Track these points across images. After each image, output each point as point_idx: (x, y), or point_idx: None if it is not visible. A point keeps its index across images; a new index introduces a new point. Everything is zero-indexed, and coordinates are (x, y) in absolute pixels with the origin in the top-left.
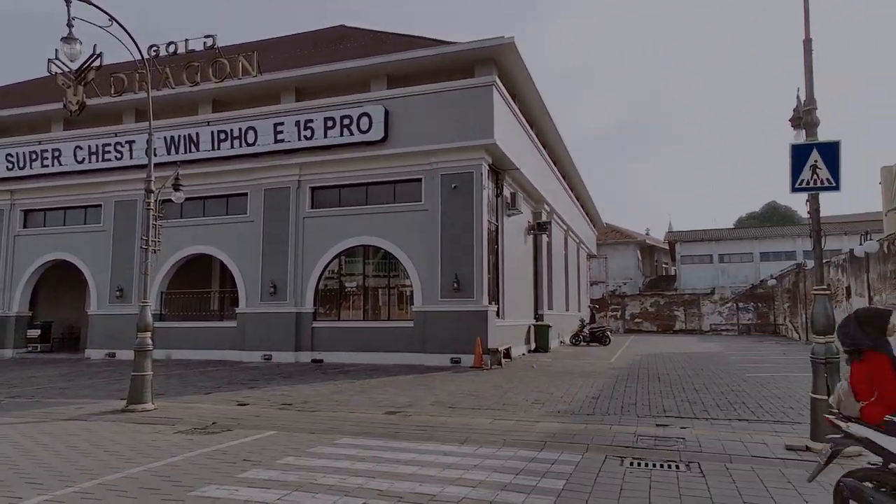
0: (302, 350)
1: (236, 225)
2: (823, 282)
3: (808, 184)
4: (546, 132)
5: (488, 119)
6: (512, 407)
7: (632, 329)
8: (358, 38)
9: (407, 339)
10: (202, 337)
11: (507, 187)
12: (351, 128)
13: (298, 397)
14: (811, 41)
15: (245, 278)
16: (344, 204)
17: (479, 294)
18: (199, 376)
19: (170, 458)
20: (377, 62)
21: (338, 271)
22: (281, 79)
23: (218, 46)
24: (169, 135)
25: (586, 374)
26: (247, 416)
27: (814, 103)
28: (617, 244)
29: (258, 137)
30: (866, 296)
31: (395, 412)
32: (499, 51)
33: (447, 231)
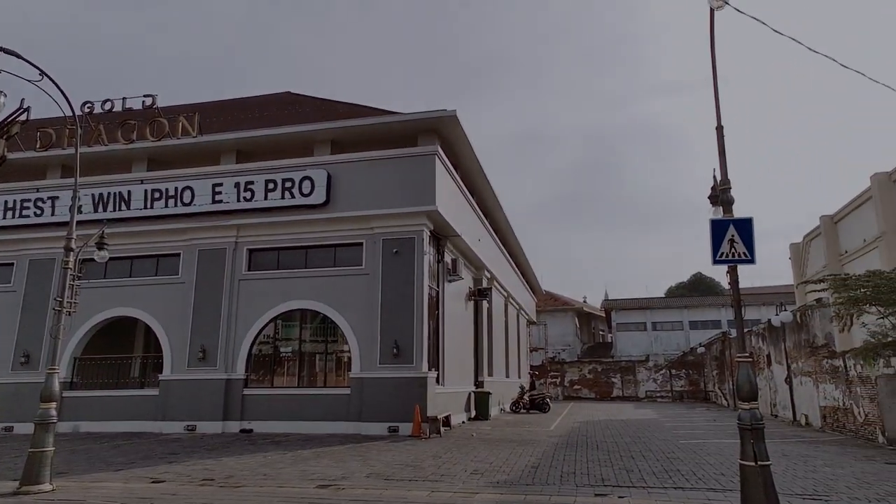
0: (230, 419)
1: (166, 286)
2: (746, 349)
3: (727, 256)
4: (487, 200)
5: (430, 186)
6: (450, 478)
7: (571, 395)
8: (303, 105)
9: (343, 406)
10: (118, 407)
11: (448, 253)
12: (293, 191)
13: (222, 472)
14: (723, 128)
15: (172, 342)
16: (282, 267)
17: (418, 360)
18: (110, 451)
19: None
20: (322, 128)
21: (273, 336)
22: (222, 140)
23: (157, 106)
24: (97, 192)
25: (526, 443)
26: (161, 495)
27: (728, 183)
28: (556, 311)
29: (195, 197)
30: (784, 363)
31: (328, 485)
32: (441, 122)
33: (387, 296)
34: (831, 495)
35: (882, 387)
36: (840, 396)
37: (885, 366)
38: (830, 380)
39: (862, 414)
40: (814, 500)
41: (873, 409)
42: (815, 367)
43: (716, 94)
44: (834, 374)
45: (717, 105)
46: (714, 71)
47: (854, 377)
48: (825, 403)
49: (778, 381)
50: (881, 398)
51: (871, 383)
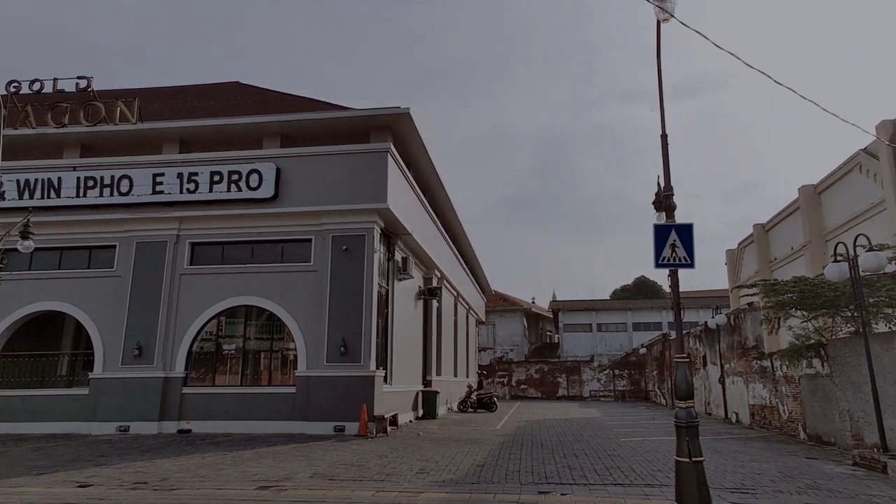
0: (168, 419)
1: (99, 280)
2: (684, 350)
3: (669, 260)
4: (439, 199)
5: (382, 184)
6: (396, 477)
7: (518, 395)
8: (253, 95)
9: (288, 406)
10: (44, 406)
11: (398, 252)
12: (239, 184)
13: (156, 474)
14: (667, 137)
15: (104, 339)
16: (227, 262)
17: (366, 359)
18: (32, 454)
19: None
20: (271, 120)
21: (216, 333)
22: (165, 128)
23: (93, 89)
24: (23, 177)
25: (472, 442)
26: (88, 499)
27: (671, 190)
28: (505, 311)
29: (133, 187)
30: (718, 364)
31: (269, 487)
32: (395, 119)
33: (336, 293)
34: (757, 489)
35: (804, 386)
36: (767, 395)
37: (807, 366)
38: (759, 379)
39: (786, 412)
40: (742, 493)
41: (796, 407)
42: (746, 368)
43: (661, 104)
44: (762, 374)
45: (661, 114)
46: (660, 80)
47: (780, 377)
48: (754, 402)
49: (712, 381)
50: (803, 397)
51: (794, 383)
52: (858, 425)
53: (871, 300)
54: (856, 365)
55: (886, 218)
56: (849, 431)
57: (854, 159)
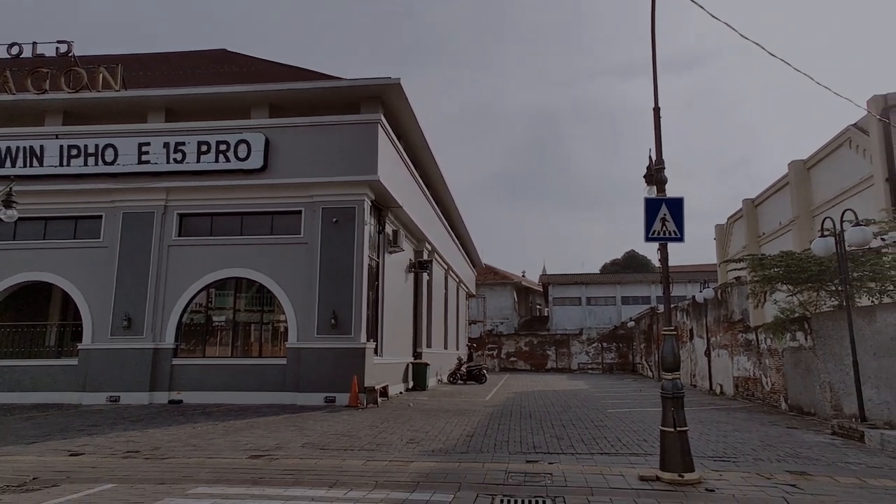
0: (158, 390)
1: (85, 250)
2: (671, 323)
3: (659, 234)
4: (430, 173)
5: (372, 155)
6: (386, 447)
7: (507, 367)
8: (240, 64)
9: (279, 377)
10: (33, 377)
11: (389, 224)
12: (228, 154)
13: (148, 443)
14: (660, 109)
15: (92, 310)
16: (216, 233)
17: (357, 331)
18: (21, 423)
19: None
20: (260, 89)
21: (206, 304)
22: (150, 96)
23: (74, 54)
24: (4, 144)
25: (462, 413)
26: (80, 468)
27: (662, 164)
28: (495, 285)
29: (118, 157)
30: (704, 337)
31: (261, 456)
32: (385, 90)
33: (326, 265)
34: (739, 457)
35: (787, 358)
36: (751, 367)
37: (791, 339)
38: (744, 352)
39: (769, 383)
40: (724, 461)
41: (779, 378)
42: (731, 341)
43: (654, 76)
44: (747, 347)
45: (654, 86)
46: (654, 52)
47: (764, 350)
48: (738, 374)
49: (698, 354)
50: (786, 369)
51: (778, 355)
52: (838, 396)
53: (855, 275)
54: (838, 338)
55: (874, 193)
56: (829, 402)
57: (844, 134)
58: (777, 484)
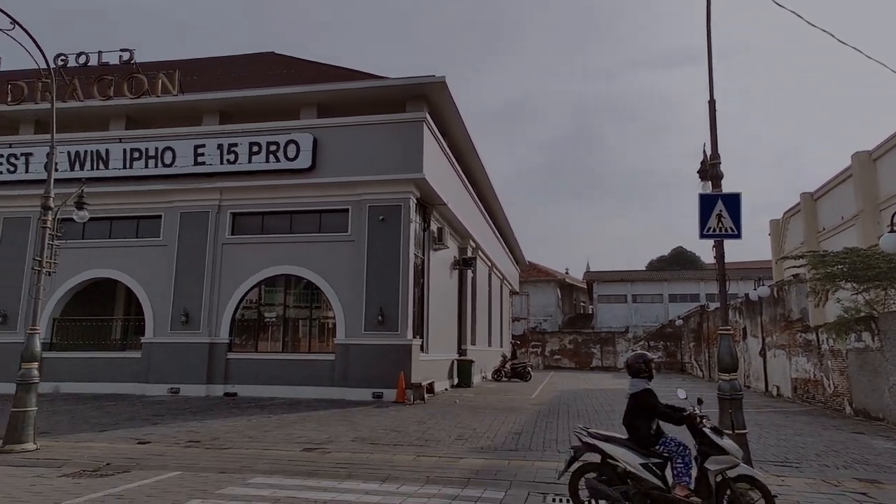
0: (214, 383)
1: (147, 248)
2: (727, 322)
3: (714, 231)
4: (473, 170)
5: (418, 154)
6: (435, 443)
7: (551, 365)
8: (289, 66)
9: (328, 372)
10: (100, 368)
11: (434, 222)
12: (277, 154)
13: (208, 434)
14: (715, 102)
15: (154, 305)
16: (267, 231)
17: (403, 328)
18: (93, 412)
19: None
20: (308, 90)
21: (257, 301)
22: (204, 100)
23: (135, 62)
24: (74, 149)
25: (508, 410)
26: (147, 455)
27: (718, 158)
28: (538, 282)
29: (176, 158)
30: (759, 336)
31: (314, 449)
32: (430, 88)
33: (373, 263)
34: (802, 462)
35: (852, 360)
36: (811, 369)
37: (856, 340)
38: (803, 353)
39: (832, 386)
40: (785, 466)
41: (843, 381)
42: (789, 341)
43: (710, 68)
44: (807, 347)
45: (710, 79)
46: (709, 44)
47: (826, 351)
48: (797, 375)
49: (752, 354)
50: (851, 371)
51: (841, 357)
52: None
53: None
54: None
55: None
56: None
57: None
58: (846, 492)
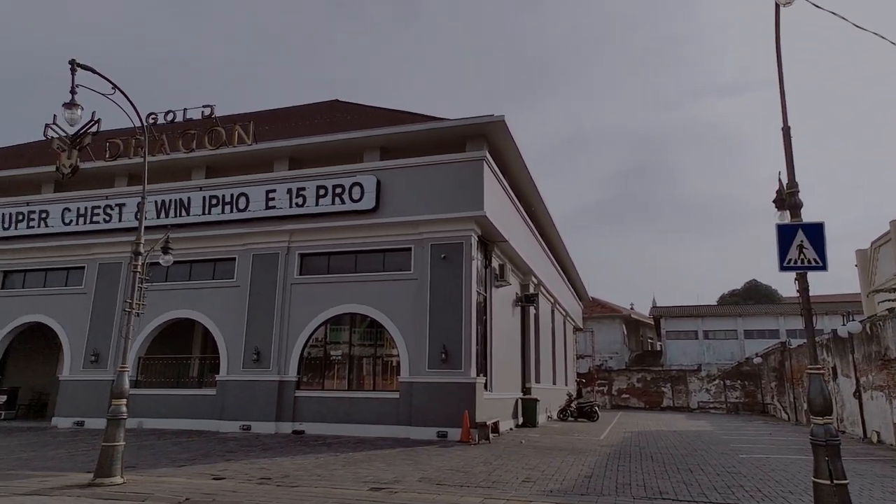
0: (283, 420)
1: (222, 290)
2: (817, 361)
3: (796, 263)
4: (534, 205)
5: (478, 192)
6: (502, 485)
7: (619, 405)
8: (351, 112)
9: (392, 410)
10: (179, 405)
11: (495, 259)
12: (343, 196)
13: (278, 471)
14: (790, 129)
15: (228, 344)
16: (332, 271)
17: (467, 365)
18: (172, 447)
19: None
20: (371, 134)
21: (323, 339)
22: (275, 147)
23: (215, 116)
24: (160, 199)
25: (577, 451)
26: (223, 491)
27: (796, 186)
28: (602, 318)
29: (250, 204)
30: (853, 376)
31: (381, 488)
32: (489, 127)
33: (436, 301)
34: None
35: None
36: None
37: None
38: None
39: None
40: None
41: None
42: (888, 381)
43: (782, 94)
44: None
45: (783, 105)
46: (780, 69)
47: None
48: None
49: (845, 395)
50: None
51: None
52: None
53: None
54: None
55: None
56: None
57: None
58: None
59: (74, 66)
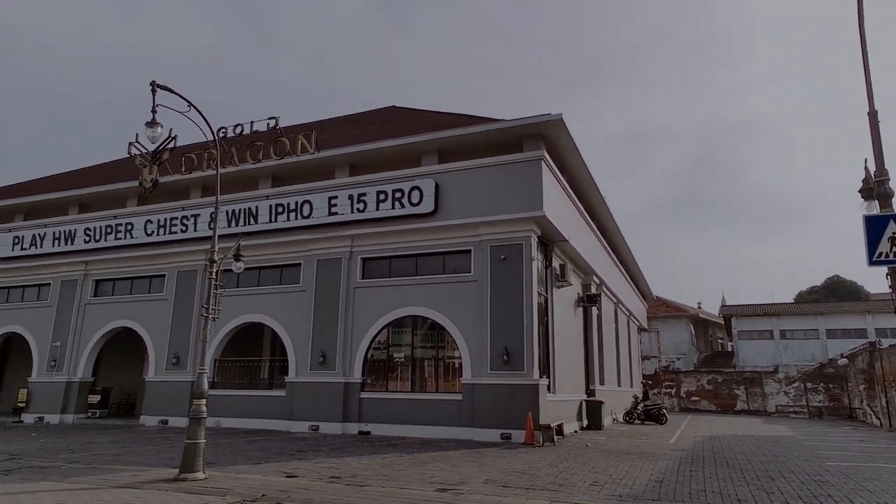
0: (349, 421)
1: (289, 294)
2: None
3: (888, 257)
4: (594, 204)
5: (537, 192)
6: (569, 488)
7: (688, 408)
8: (408, 117)
9: (455, 412)
10: (251, 405)
11: (556, 259)
12: (402, 201)
13: (347, 470)
14: (877, 113)
15: (296, 347)
16: (394, 274)
17: (529, 367)
18: (247, 445)
19: None
20: (428, 138)
21: (386, 342)
22: (336, 155)
23: (280, 127)
24: (230, 208)
25: (646, 455)
26: (295, 488)
27: (885, 174)
28: (668, 317)
29: (313, 210)
30: None
31: (447, 489)
32: (546, 126)
33: (496, 302)
34: None
35: None
36: None
37: None
38: None
39: None
40: None
41: None
42: None
43: (867, 77)
44: None
45: (868, 87)
46: (864, 51)
47: None
48: None
49: None
50: None
51: None
52: None
53: None
54: None
55: None
56: None
57: None
58: None
59: (154, 87)
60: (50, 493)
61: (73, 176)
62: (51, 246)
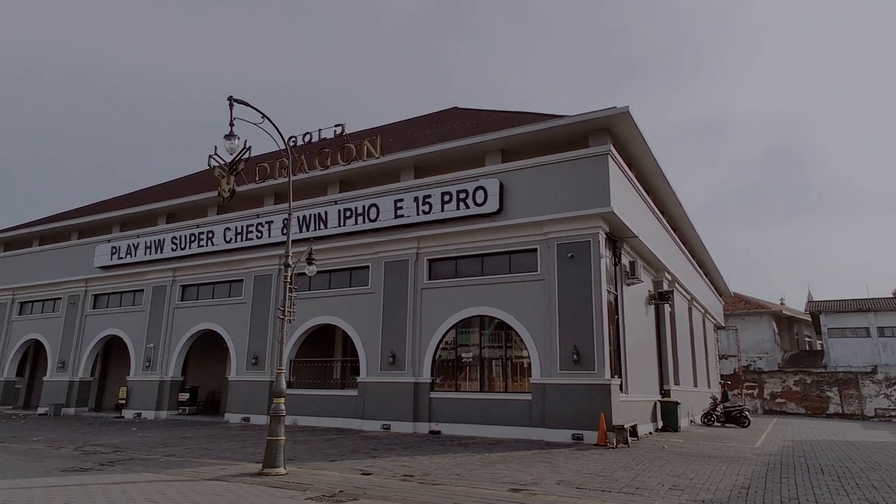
0: (420, 420)
1: (358, 296)
2: None
3: None
4: (664, 198)
5: (604, 187)
6: (646, 491)
7: (772, 410)
8: (470, 117)
9: (525, 412)
10: (325, 404)
11: (625, 255)
12: (467, 201)
13: (419, 469)
14: None
15: (366, 348)
16: (460, 275)
17: (600, 366)
18: (323, 443)
19: None
20: (491, 138)
21: (454, 342)
22: (401, 158)
23: (346, 133)
24: (301, 214)
25: (728, 459)
26: (371, 485)
27: None
28: (747, 314)
29: (380, 214)
30: None
31: (520, 489)
32: (612, 120)
33: (564, 301)
34: None
35: None
36: None
37: None
38: None
39: None
40: None
41: None
42: None
43: None
44: None
45: None
46: None
47: None
48: None
49: None
50: None
51: None
52: None
53: None
54: None
55: None
56: None
57: None
58: None
59: (231, 101)
60: (151, 483)
61: (160, 189)
62: (143, 254)
